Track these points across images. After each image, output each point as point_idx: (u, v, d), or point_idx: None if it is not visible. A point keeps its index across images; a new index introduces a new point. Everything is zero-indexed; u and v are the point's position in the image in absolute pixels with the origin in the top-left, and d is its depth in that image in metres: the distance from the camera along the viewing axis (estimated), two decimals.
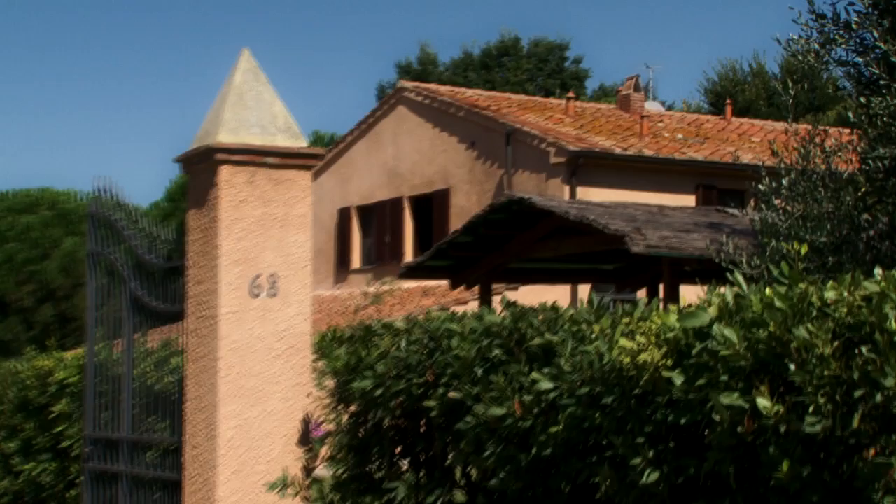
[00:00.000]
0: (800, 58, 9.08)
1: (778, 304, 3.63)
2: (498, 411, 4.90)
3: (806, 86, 9.95)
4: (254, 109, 6.98)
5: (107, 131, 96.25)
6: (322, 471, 6.59)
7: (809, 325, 3.53)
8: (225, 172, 6.75)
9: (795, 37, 9.09)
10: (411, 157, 26.68)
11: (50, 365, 9.94)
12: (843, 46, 8.86)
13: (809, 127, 9.58)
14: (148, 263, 7.72)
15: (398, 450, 6.02)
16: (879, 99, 8.26)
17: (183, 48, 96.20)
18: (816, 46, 8.93)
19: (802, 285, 3.67)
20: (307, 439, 6.72)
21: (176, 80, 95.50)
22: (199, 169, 7.02)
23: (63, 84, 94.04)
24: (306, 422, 6.74)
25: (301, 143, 7.06)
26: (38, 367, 10.12)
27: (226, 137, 6.79)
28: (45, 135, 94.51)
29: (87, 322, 8.68)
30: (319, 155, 7.78)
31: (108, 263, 8.30)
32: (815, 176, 9.02)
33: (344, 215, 28.22)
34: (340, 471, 6.32)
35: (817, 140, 9.22)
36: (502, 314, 5.35)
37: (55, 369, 9.73)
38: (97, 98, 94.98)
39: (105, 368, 8.26)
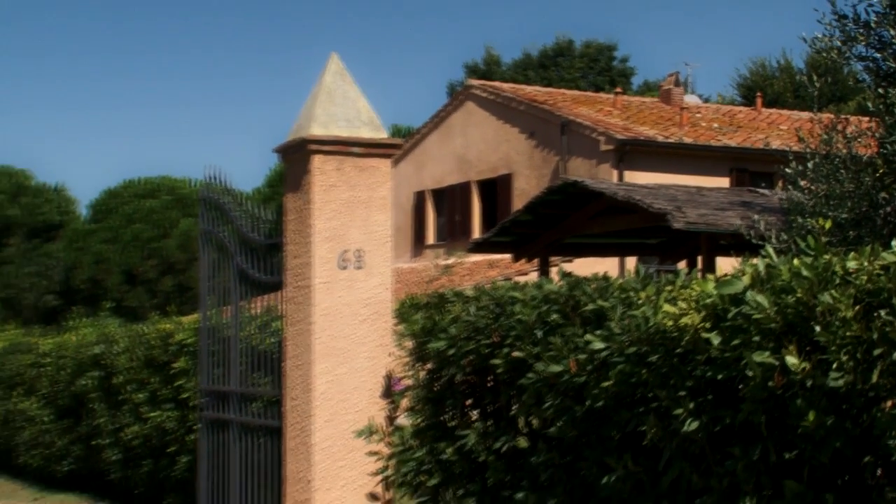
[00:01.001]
0: (823, 54, 9.03)
1: (805, 273, 3.59)
2: (556, 368, 4.91)
3: (829, 79, 9.87)
4: (341, 106, 7.00)
5: (215, 126, 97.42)
6: (403, 420, 6.62)
7: (833, 292, 3.50)
8: (317, 161, 6.79)
9: (819, 35, 9.06)
10: (478, 146, 26.71)
11: (171, 328, 10.12)
12: (863, 43, 8.80)
13: (832, 116, 9.54)
14: (251, 241, 7.78)
15: (468, 402, 6.02)
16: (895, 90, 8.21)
17: (278, 51, 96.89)
18: (838, 43, 8.88)
19: (826, 256, 3.63)
20: (389, 393, 6.75)
21: (273, 79, 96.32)
22: (295, 158, 7.06)
23: (179, 84, 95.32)
24: (388, 378, 6.76)
25: (382, 134, 7.08)
26: (161, 329, 10.28)
27: (317, 130, 6.82)
28: (165, 129, 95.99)
29: (201, 291, 8.78)
30: (398, 145, 7.81)
31: (218, 241, 8.37)
32: (837, 159, 8.95)
33: (419, 198, 28.34)
34: (419, 420, 6.33)
35: (839, 127, 9.16)
36: (559, 283, 5.34)
37: (175, 332, 9.90)
38: (208, 96, 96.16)
39: (216, 331, 8.36)
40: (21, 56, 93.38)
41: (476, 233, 24.80)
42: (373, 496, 6.64)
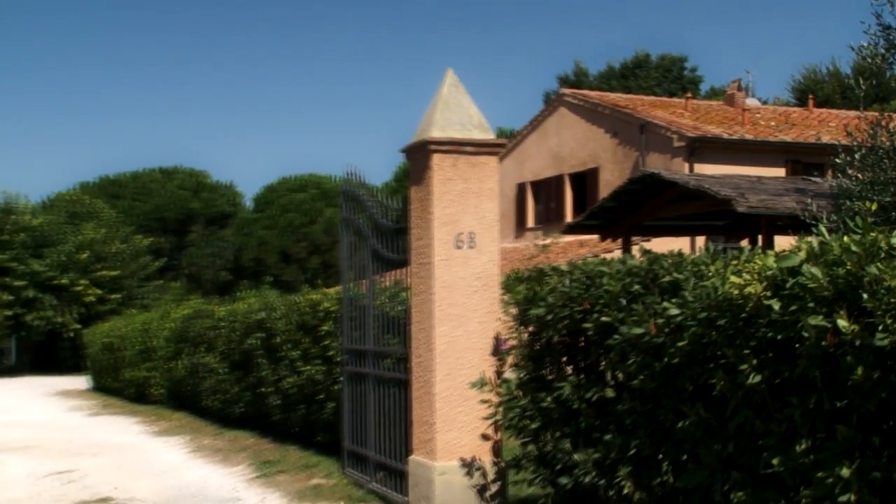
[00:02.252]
0: (869, 60, 8.85)
1: (854, 248, 3.51)
2: (638, 331, 4.88)
3: (874, 81, 9.61)
4: (455, 112, 6.99)
5: (350, 128, 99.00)
6: (509, 374, 6.58)
7: (879, 264, 3.41)
8: (436, 159, 6.80)
9: (865, 44, 8.93)
10: (570, 144, 26.73)
11: (318, 298, 10.19)
12: None
13: (877, 114, 9.36)
14: (382, 226, 7.82)
15: (564, 359, 5.99)
16: None
17: (401, 64, 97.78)
18: (882, 51, 8.76)
19: (873, 234, 3.54)
20: (497, 351, 6.71)
21: (396, 88, 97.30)
22: (418, 157, 7.07)
23: (323, 93, 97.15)
24: (496, 339, 6.72)
25: (490, 136, 7.04)
26: (310, 299, 10.36)
27: (436, 133, 6.83)
28: (311, 133, 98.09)
29: (342, 268, 8.88)
30: (503, 144, 7.80)
31: (355, 226, 8.44)
32: (881, 151, 8.82)
33: (521, 188, 28.41)
34: (522, 374, 6.32)
35: (883, 123, 9.02)
36: (640, 259, 5.29)
37: (322, 301, 9.97)
38: (345, 104, 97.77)
39: (355, 300, 8.42)
40: (199, 73, 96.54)
41: (568, 217, 24.68)
42: (484, 437, 6.66)
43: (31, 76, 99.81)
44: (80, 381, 25.73)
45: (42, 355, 36.63)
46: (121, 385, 19.95)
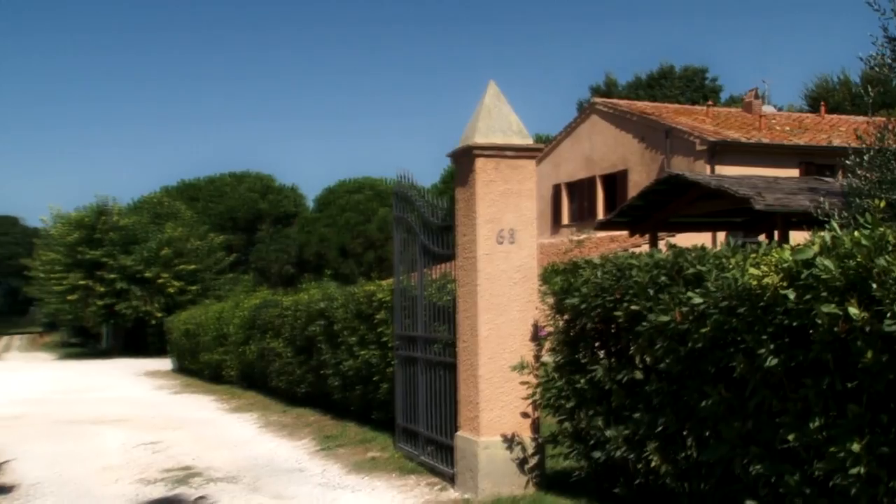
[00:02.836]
0: (877, 69, 8.74)
1: (863, 242, 3.48)
2: (664, 318, 4.87)
3: (881, 89, 9.49)
4: (497, 120, 6.93)
5: (402, 136, 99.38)
6: (546, 358, 6.56)
7: (887, 257, 3.39)
8: (479, 162, 6.76)
9: (873, 54, 8.85)
10: (601, 149, 26.68)
11: (373, 289, 10.11)
12: None
13: (884, 119, 9.29)
14: (431, 223, 7.78)
15: (596, 344, 5.99)
16: None
17: (446, 75, 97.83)
18: (889, 61, 8.70)
19: (881, 229, 3.51)
20: (536, 337, 6.67)
21: (442, 98, 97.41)
22: (463, 161, 7.04)
23: (377, 102, 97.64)
24: (535, 326, 6.68)
25: (528, 141, 6.98)
26: (366, 290, 10.29)
27: (480, 139, 6.79)
28: (366, 138, 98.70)
29: (395, 262, 8.86)
30: (540, 148, 7.76)
31: (406, 224, 8.40)
32: (888, 153, 8.75)
33: (556, 189, 28.37)
34: (558, 358, 6.32)
35: (890, 127, 8.97)
36: (666, 253, 5.28)
37: (377, 292, 9.90)
38: (396, 112, 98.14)
39: (406, 291, 8.38)
40: (267, 87, 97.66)
41: (600, 215, 24.60)
42: (524, 415, 6.63)
43: (122, 91, 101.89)
44: (164, 363, 26.05)
45: (131, 340, 37.41)
46: (199, 367, 20.11)
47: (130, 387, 19.13)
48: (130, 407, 14.35)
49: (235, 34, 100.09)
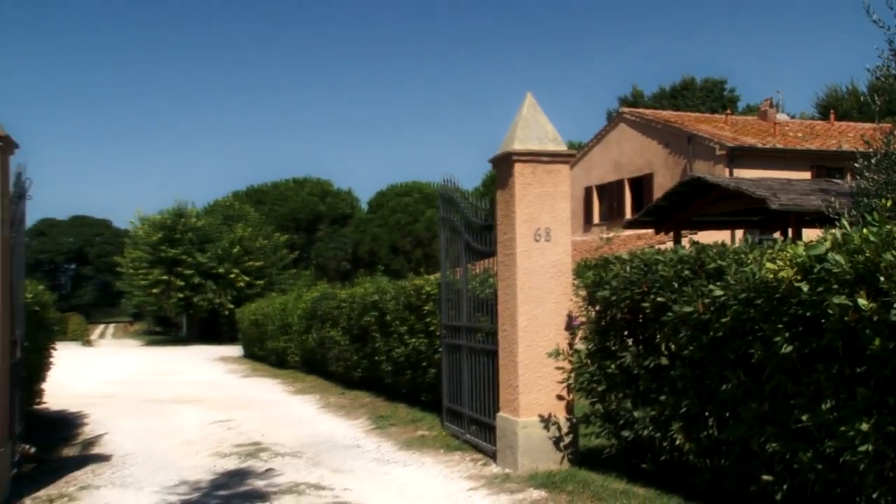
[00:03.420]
0: (882, 79, 8.67)
1: (872, 238, 3.46)
2: (688, 309, 4.87)
3: (887, 97, 9.35)
4: (534, 129, 6.91)
5: (446, 143, 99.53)
6: (579, 345, 6.56)
7: (894, 252, 3.36)
8: (518, 167, 6.75)
9: (879, 65, 8.84)
10: (628, 154, 26.59)
11: (422, 283, 10.15)
12: None
13: (890, 125, 9.24)
14: (473, 223, 7.77)
15: (625, 333, 5.99)
16: None
17: (487, 86, 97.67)
18: (894, 71, 8.69)
19: (888, 226, 3.48)
20: (570, 326, 6.63)
21: (482, 108, 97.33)
22: (503, 166, 7.02)
23: (423, 111, 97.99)
24: (569, 316, 6.64)
25: (562, 147, 6.94)
26: (415, 284, 10.29)
27: (518, 146, 6.78)
28: (415, 145, 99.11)
29: (440, 258, 8.84)
30: (573, 154, 7.71)
31: (451, 224, 8.39)
32: (894, 156, 8.72)
33: (588, 191, 28.30)
34: (590, 345, 6.33)
35: (895, 133, 8.90)
36: (689, 249, 5.26)
37: (425, 285, 9.93)
38: (441, 120, 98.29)
39: (451, 285, 8.38)
40: (324, 100, 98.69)
41: (628, 215, 24.50)
42: (559, 397, 6.63)
43: (198, 106, 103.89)
44: (235, 350, 26.37)
45: (206, 329, 38.15)
46: (265, 353, 20.31)
47: (205, 371, 19.42)
48: (205, 388, 14.59)
49: (298, 58, 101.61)
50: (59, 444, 8.57)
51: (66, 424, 10.19)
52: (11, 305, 6.34)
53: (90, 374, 18.40)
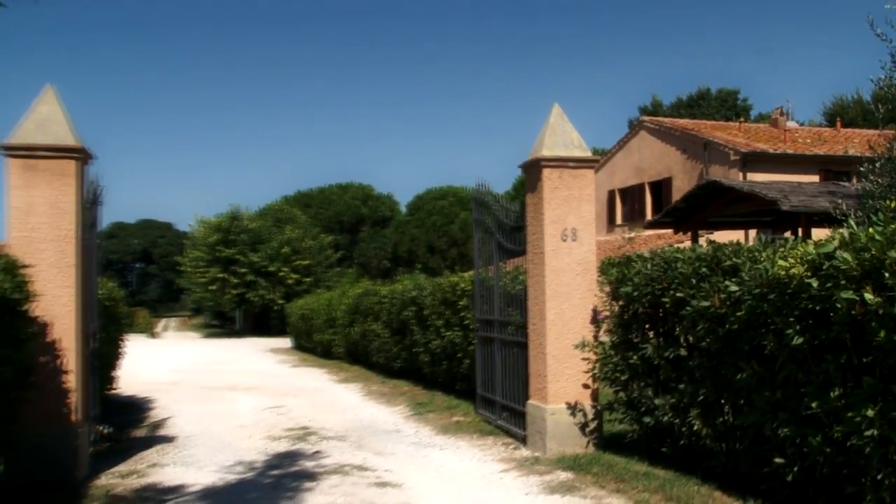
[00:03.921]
0: (885, 89, 8.66)
1: (877, 237, 3.45)
2: (705, 303, 4.88)
3: (889, 106, 9.26)
4: (560, 136, 6.91)
5: (478, 150, 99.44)
6: (603, 337, 6.56)
7: None
8: (546, 172, 6.77)
9: (882, 76, 8.85)
10: (648, 159, 26.51)
11: (457, 280, 10.14)
12: None
13: (892, 132, 9.23)
14: (504, 224, 7.77)
15: (647, 326, 5.99)
16: None
17: (516, 97, 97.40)
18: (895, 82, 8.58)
19: (892, 226, 3.46)
20: (595, 320, 6.65)
21: (513, 117, 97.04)
22: (532, 171, 7.04)
23: (456, 124, 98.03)
24: (594, 311, 6.66)
25: (587, 153, 6.95)
26: (451, 281, 10.29)
27: (546, 153, 6.80)
28: (449, 151, 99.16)
29: (474, 257, 8.83)
30: (597, 160, 7.67)
31: (484, 225, 8.39)
32: None
33: (611, 194, 28.23)
34: (614, 338, 6.34)
35: None
36: (706, 248, 5.25)
37: (459, 282, 9.92)
38: (473, 131, 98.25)
39: (484, 281, 8.39)
40: (367, 112, 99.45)
41: (648, 216, 24.45)
42: (585, 386, 6.65)
43: (249, 116, 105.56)
44: (285, 342, 26.59)
45: (258, 322, 38.69)
46: (312, 345, 20.45)
47: (258, 361, 19.63)
48: (258, 377, 14.76)
49: (344, 75, 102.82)
50: (129, 426, 8.81)
51: (135, 408, 10.47)
52: (88, 301, 6.58)
53: (156, 364, 18.78)
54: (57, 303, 6.01)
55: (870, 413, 3.42)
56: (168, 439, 7.95)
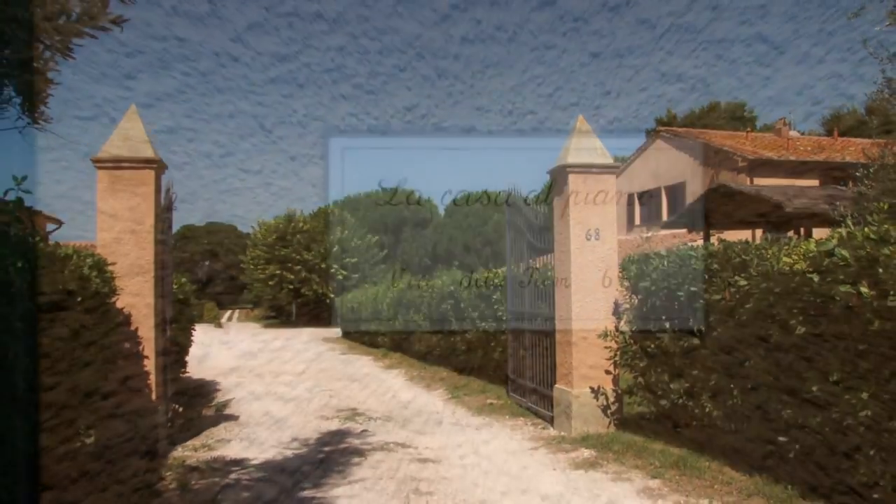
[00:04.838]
0: (877, 102, 8.58)
1: (872, 236, 3.46)
2: (717, 297, 4.90)
3: (882, 118, 9.22)
4: (584, 144, 6.93)
5: (509, 156, 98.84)
6: (624, 327, 6.56)
7: (890, 247, 3.35)
8: (571, 177, 6.81)
9: (875, 91, 8.99)
10: (664, 165, 26.44)
11: (491, 275, 10.07)
12: None
13: (885, 141, 9.32)
14: (534, 225, 7.81)
15: (663, 317, 5.95)
16: None
17: (547, 112, 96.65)
18: (887, 95, 8.58)
19: (885, 226, 3.47)
20: (617, 312, 6.66)
21: (541, 128, 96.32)
22: (559, 176, 7.06)
23: (487, 133, 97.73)
24: (615, 303, 6.67)
25: (609, 160, 6.95)
26: (485, 276, 10.10)
27: (572, 160, 6.83)
28: (483, 160, 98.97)
29: (507, 254, 8.81)
30: (617, 166, 7.58)
31: (516, 226, 8.41)
32: (889, 167, 8.89)
33: (630, 197, 28.22)
34: (633, 327, 6.35)
35: (890, 148, 9.16)
36: (717, 246, 5.26)
37: (493, 277, 9.86)
38: (504, 138, 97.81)
39: (516, 277, 8.38)
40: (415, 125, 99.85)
41: (665, 217, 24.51)
42: (607, 372, 6.66)
43: (299, 129, 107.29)
44: (335, 332, 26.75)
45: (312, 314, 39.24)
46: (360, 335, 20.54)
47: (311, 348, 19.80)
48: (311, 363, 14.94)
49: (383, 94, 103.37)
50: (200, 405, 9.09)
51: (204, 390, 10.73)
52: (163, 295, 6.87)
53: (221, 350, 19.17)
54: (137, 297, 6.30)
55: (864, 396, 3.44)
56: (233, 418, 8.14)
